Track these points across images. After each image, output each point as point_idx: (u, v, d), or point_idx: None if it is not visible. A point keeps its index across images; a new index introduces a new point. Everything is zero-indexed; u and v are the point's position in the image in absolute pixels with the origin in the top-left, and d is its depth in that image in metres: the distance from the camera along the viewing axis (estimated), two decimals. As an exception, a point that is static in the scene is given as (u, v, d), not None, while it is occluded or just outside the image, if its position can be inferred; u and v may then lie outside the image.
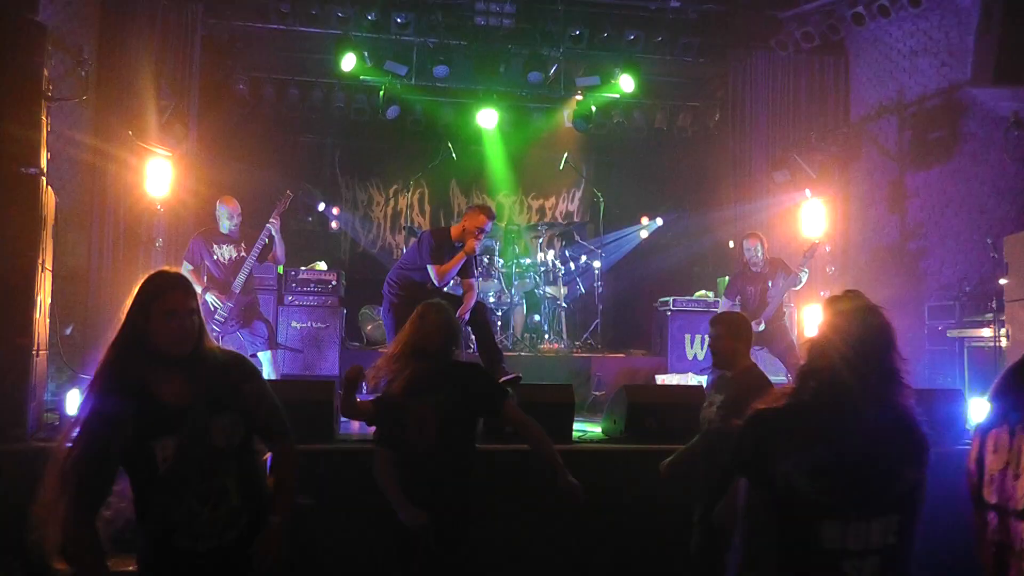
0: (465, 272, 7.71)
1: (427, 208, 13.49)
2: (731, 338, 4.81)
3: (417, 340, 4.21)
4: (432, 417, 4.03)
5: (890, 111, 10.27)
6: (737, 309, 8.72)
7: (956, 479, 6.09)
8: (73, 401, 6.42)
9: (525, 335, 10.53)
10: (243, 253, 7.83)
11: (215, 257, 7.81)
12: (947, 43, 9.57)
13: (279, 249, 7.89)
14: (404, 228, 12.53)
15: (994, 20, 7.03)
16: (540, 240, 11.11)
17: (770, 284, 8.63)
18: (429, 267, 7.36)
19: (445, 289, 7.73)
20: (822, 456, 2.54)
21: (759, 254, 8.69)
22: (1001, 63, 7.02)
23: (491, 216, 7.52)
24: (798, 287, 8.87)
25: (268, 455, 3.50)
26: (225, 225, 7.86)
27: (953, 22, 9.47)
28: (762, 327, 8.45)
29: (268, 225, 7.78)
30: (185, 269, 7.84)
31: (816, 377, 2.67)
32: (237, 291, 7.64)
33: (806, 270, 8.67)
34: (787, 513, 2.58)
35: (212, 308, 7.57)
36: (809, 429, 2.59)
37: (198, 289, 7.64)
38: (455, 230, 7.59)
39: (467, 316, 7.59)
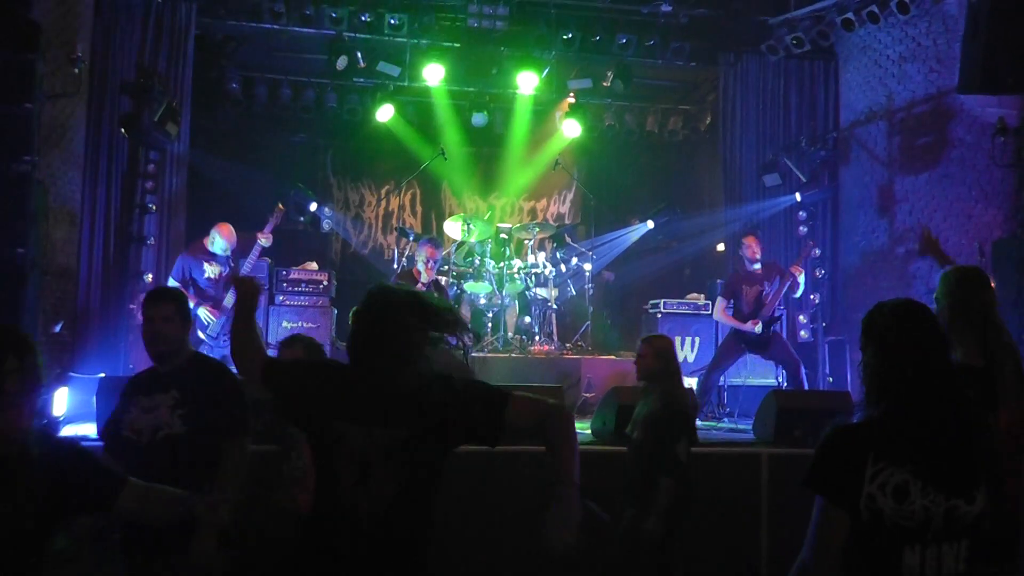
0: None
1: (419, 209, 13.52)
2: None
3: None
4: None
5: (879, 116, 10.32)
6: (731, 310, 8.76)
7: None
8: (60, 399, 6.43)
9: (516, 337, 10.55)
10: (233, 266, 7.86)
11: (206, 275, 7.82)
12: (935, 50, 9.63)
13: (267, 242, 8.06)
14: (396, 229, 12.55)
15: (980, 28, 7.06)
16: (531, 242, 11.14)
17: (766, 285, 8.68)
18: None
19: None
20: (907, 477, 2.44)
21: (756, 254, 8.75)
22: (987, 70, 7.05)
23: (436, 244, 8.17)
24: (797, 294, 8.94)
25: None
26: (218, 247, 7.86)
27: (941, 29, 9.53)
28: (759, 328, 8.49)
29: (260, 242, 7.83)
30: (170, 284, 7.88)
31: (890, 391, 2.55)
32: (229, 306, 7.65)
33: (803, 272, 8.74)
34: (867, 537, 2.46)
35: (205, 323, 7.60)
36: (895, 447, 2.47)
37: (189, 305, 7.71)
38: (415, 271, 8.03)
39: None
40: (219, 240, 7.82)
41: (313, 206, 11.46)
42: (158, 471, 3.21)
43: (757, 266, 8.83)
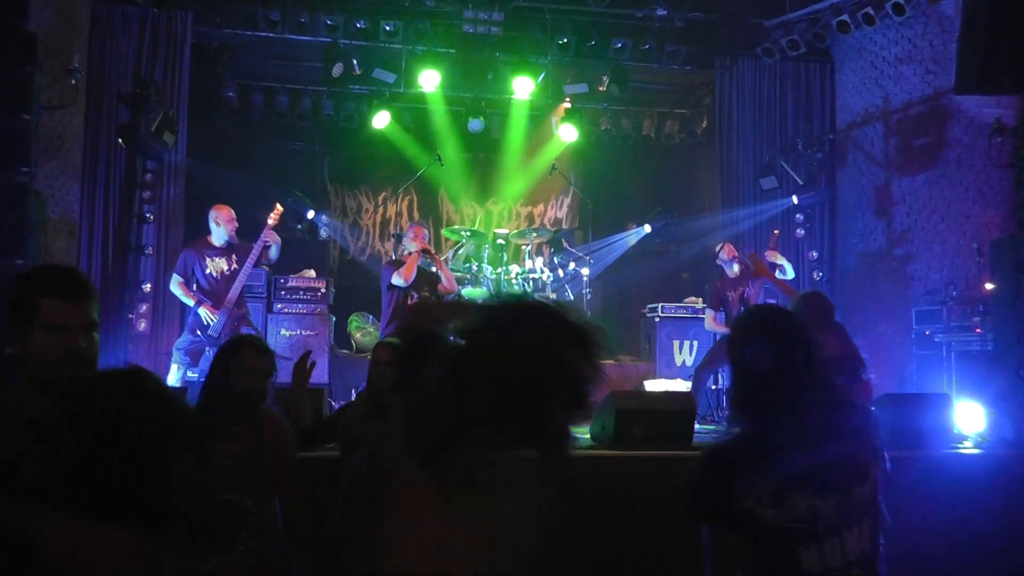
0: (433, 280, 8.10)
1: (416, 215, 13.50)
2: None
3: None
4: None
5: (876, 118, 10.35)
6: (722, 319, 8.76)
7: (946, 485, 6.15)
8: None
9: (514, 342, 10.53)
10: (235, 266, 7.74)
11: (207, 271, 7.69)
12: (931, 51, 9.66)
13: (273, 253, 7.89)
14: (393, 236, 12.55)
15: (976, 28, 7.07)
16: (528, 247, 11.14)
17: (749, 284, 8.69)
18: (393, 278, 7.58)
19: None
20: (779, 481, 2.44)
21: (733, 264, 8.81)
22: (984, 70, 7.06)
23: (421, 224, 8.26)
24: (788, 275, 8.90)
25: None
26: (219, 236, 7.67)
27: (937, 30, 9.56)
28: None
29: (263, 239, 7.72)
30: (174, 282, 7.76)
31: (755, 404, 2.58)
32: (230, 306, 7.58)
33: (777, 254, 8.73)
34: (760, 549, 2.48)
35: (205, 323, 7.53)
36: (759, 457, 2.48)
37: (190, 302, 7.65)
38: (405, 256, 8.07)
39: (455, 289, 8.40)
40: (221, 228, 7.69)
41: (311, 214, 11.46)
42: None
43: (736, 268, 8.86)
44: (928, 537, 5.75)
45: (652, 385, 9.45)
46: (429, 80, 10.96)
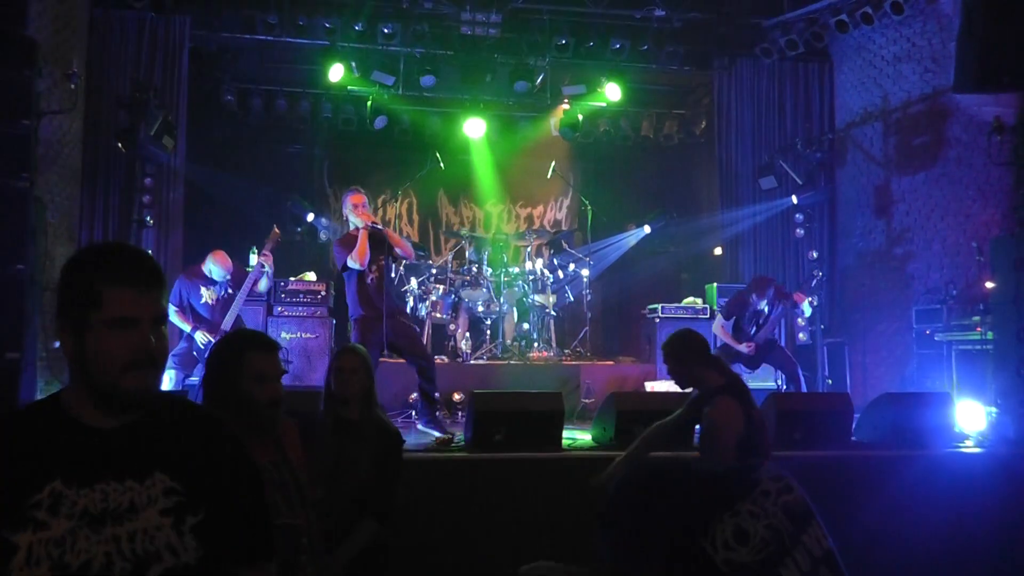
0: (386, 246, 7.43)
1: (415, 218, 13.51)
2: None
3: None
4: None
5: (875, 117, 10.35)
6: (730, 327, 8.68)
7: (947, 483, 6.14)
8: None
9: (514, 343, 10.55)
10: (231, 290, 7.79)
11: (203, 300, 7.73)
12: (930, 49, 9.67)
13: (268, 283, 7.97)
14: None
15: (975, 26, 7.07)
16: (528, 249, 11.14)
17: (767, 310, 8.60)
18: (348, 261, 7.13)
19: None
20: (737, 522, 2.55)
21: (765, 304, 8.60)
22: (982, 69, 7.05)
23: (357, 190, 7.39)
24: (802, 318, 8.89)
25: None
26: (215, 276, 7.76)
27: (935, 28, 9.57)
28: (751, 348, 8.43)
29: (261, 261, 7.76)
30: (170, 311, 7.77)
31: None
32: (227, 330, 7.57)
33: (807, 299, 8.69)
34: None
35: (201, 346, 7.54)
36: (713, 505, 2.59)
37: (187, 328, 7.66)
38: (352, 231, 7.36)
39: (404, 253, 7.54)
40: (215, 268, 7.73)
41: (310, 216, 11.46)
42: None
43: (764, 306, 8.75)
44: (929, 535, 5.76)
45: (652, 386, 9.44)
46: (427, 82, 10.96)
